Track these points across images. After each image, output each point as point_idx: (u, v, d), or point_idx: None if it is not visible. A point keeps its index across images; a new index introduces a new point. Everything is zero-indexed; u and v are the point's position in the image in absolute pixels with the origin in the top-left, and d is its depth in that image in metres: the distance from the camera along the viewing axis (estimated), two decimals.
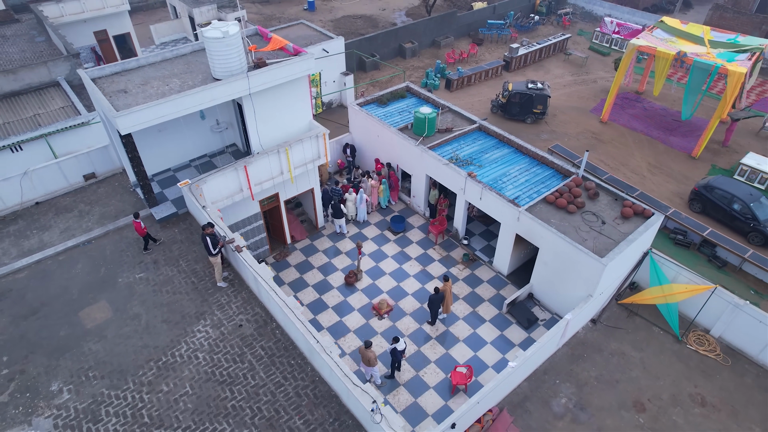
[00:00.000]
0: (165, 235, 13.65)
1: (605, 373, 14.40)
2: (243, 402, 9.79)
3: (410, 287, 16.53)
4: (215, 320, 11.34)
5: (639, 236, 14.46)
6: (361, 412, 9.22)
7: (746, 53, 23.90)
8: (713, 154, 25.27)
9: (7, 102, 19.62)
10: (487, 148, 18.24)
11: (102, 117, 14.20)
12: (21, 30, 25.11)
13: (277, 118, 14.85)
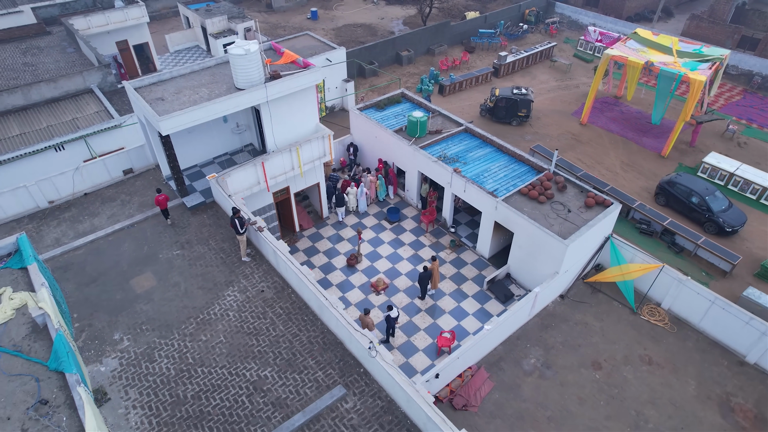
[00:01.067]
0: (195, 220, 16.17)
1: (569, 339, 16.88)
2: (266, 348, 12.30)
3: (404, 268, 19.03)
4: (241, 287, 13.86)
5: (598, 222, 16.97)
6: (361, 352, 11.73)
7: (708, 62, 26.46)
8: (681, 153, 27.79)
9: (48, 107, 22.17)
10: (471, 147, 20.77)
11: (142, 120, 16.72)
12: (53, 41, 27.68)
13: (289, 122, 17.38)
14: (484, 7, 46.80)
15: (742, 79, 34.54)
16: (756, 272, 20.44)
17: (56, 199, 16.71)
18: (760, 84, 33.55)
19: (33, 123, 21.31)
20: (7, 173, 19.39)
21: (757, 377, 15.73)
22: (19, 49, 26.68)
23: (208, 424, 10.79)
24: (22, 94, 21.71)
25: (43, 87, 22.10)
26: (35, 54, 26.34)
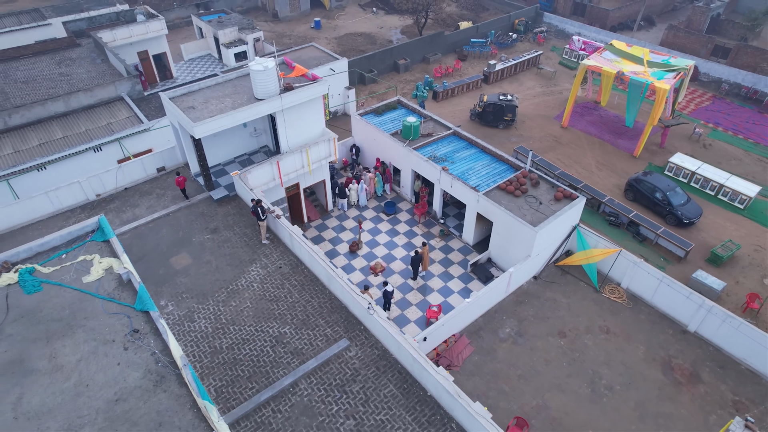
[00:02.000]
0: (221, 210, 19.06)
1: (540, 313, 19.73)
2: (285, 311, 15.17)
3: (399, 254, 21.90)
4: (262, 264, 16.74)
5: (565, 212, 19.83)
6: (361, 312, 14.59)
7: (674, 72, 29.36)
8: (651, 154, 30.68)
9: (86, 113, 25.07)
10: (458, 148, 23.64)
11: (175, 125, 19.61)
12: (83, 53, 30.59)
13: (299, 126, 20.25)
14: (477, 16, 49.73)
15: (712, 86, 37.42)
16: (707, 258, 23.31)
17: (102, 193, 19.60)
18: (728, 90, 36.44)
19: (73, 127, 24.22)
20: (54, 171, 22.31)
21: (696, 342, 18.59)
22: (54, 61, 29.58)
23: (240, 368, 13.65)
24: (63, 102, 24.62)
25: (81, 95, 25.01)
26: (68, 65, 29.24)
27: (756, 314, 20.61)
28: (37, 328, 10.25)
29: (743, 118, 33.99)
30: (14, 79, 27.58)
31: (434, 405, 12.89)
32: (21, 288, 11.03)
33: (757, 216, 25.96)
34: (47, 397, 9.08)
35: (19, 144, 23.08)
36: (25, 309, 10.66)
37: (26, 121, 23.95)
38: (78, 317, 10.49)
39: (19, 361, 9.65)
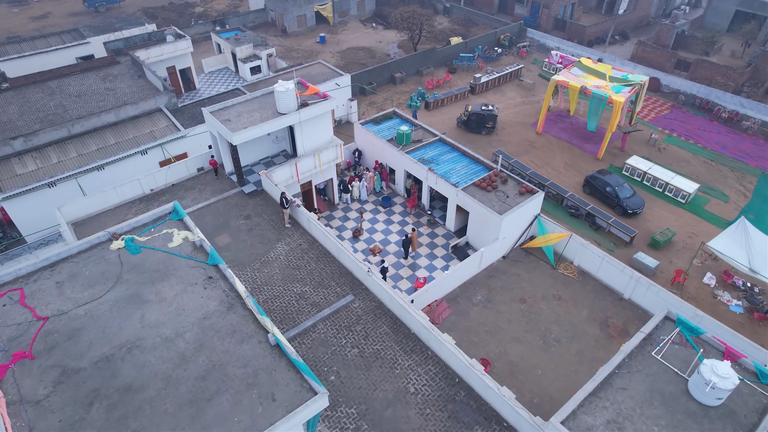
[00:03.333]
0: (251, 202, 23.92)
1: (506, 284, 24.52)
2: (304, 276, 20.01)
3: (393, 239, 26.73)
4: (286, 242, 21.59)
5: (526, 204, 24.62)
6: (362, 275, 19.45)
7: (630, 86, 34.25)
8: (613, 156, 35.55)
9: (132, 122, 29.97)
10: (443, 152, 28.48)
11: (214, 134, 24.48)
12: (123, 70, 35.48)
13: (312, 135, 25.10)
14: (468, 31, 54.64)
15: (672, 97, 42.32)
16: (649, 243, 28.18)
17: (155, 188, 24.47)
18: (684, 101, 41.33)
19: (123, 134, 29.11)
20: (110, 171, 27.19)
21: (628, 307, 23.39)
22: (99, 77, 34.47)
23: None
24: (114, 113, 29.51)
25: (128, 107, 29.91)
26: (112, 80, 34.14)
27: (681, 286, 25.47)
28: (143, 276, 15.08)
29: (696, 126, 38.88)
30: (68, 93, 32.46)
31: (416, 339, 17.76)
32: (127, 251, 15.86)
33: (695, 209, 30.82)
34: (159, 316, 13.89)
35: (81, 149, 27.98)
36: (133, 264, 15.50)
37: (85, 130, 28.85)
38: (169, 269, 15.32)
39: (136, 295, 14.48)
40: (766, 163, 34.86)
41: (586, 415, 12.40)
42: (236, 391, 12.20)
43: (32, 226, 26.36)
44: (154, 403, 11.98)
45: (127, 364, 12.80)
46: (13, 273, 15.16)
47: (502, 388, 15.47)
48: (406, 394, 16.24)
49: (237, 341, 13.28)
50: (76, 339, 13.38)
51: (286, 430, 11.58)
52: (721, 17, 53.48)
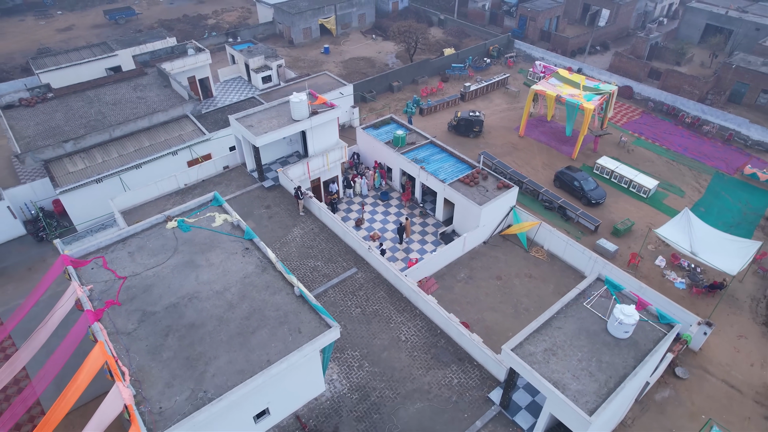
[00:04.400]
0: (270, 194, 28.36)
1: (485, 265, 28.90)
2: (317, 253, 24.45)
3: (390, 227, 31.11)
4: (300, 227, 26.03)
5: (503, 196, 29.03)
6: (363, 252, 23.91)
7: (600, 95, 38.73)
8: (586, 156, 39.99)
9: (162, 128, 34.44)
10: (433, 153, 32.90)
11: (239, 137, 28.95)
12: (150, 80, 39.97)
13: (321, 138, 29.53)
14: (461, 42, 59.18)
15: (643, 103, 46.81)
16: (611, 231, 32.60)
17: (188, 183, 28.93)
18: (653, 107, 45.82)
19: (156, 138, 33.59)
20: (146, 169, 31.64)
21: None
22: (130, 86, 38.96)
23: None
24: (147, 119, 34.00)
25: (160, 114, 34.40)
26: (142, 90, 38.63)
27: (635, 267, 29.88)
28: (194, 248, 19.52)
29: (662, 130, 43.35)
30: (105, 101, 36.94)
31: (406, 301, 22.21)
32: (180, 229, 20.29)
33: (655, 203, 35.26)
34: (210, 276, 18.30)
35: (121, 150, 32.45)
36: (185, 239, 19.94)
37: (123, 133, 33.33)
38: (215, 243, 19.76)
39: (191, 261, 18.92)
40: (720, 163, 39.30)
41: (529, 345, 16.77)
42: (272, 327, 16.66)
43: (82, 216, 30.82)
44: (212, 335, 16.45)
45: (189, 309, 17.27)
46: (95, 245, 19.68)
47: (473, 335, 19.91)
48: (398, 341, 20.68)
49: (270, 293, 17.76)
50: (149, 292, 17.86)
51: (308, 352, 16.05)
52: (693, 30, 58.01)
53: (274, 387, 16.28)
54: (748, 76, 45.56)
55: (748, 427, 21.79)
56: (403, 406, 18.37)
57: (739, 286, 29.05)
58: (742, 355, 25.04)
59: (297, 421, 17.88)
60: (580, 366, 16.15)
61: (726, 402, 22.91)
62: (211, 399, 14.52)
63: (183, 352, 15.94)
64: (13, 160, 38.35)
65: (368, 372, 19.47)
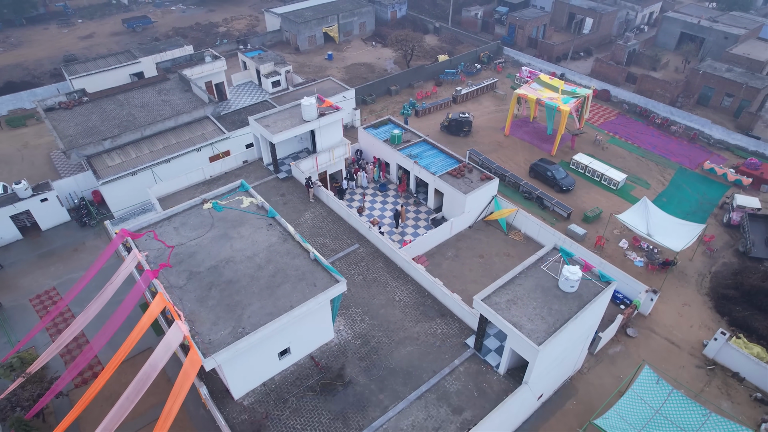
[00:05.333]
0: (284, 184, 32.89)
1: (469, 246, 33.38)
2: (325, 233, 28.97)
3: (387, 215, 35.61)
4: (311, 212, 30.56)
5: (485, 186, 33.53)
6: (364, 231, 28.44)
7: (576, 98, 43.26)
8: (565, 153, 44.50)
9: (186, 127, 38.98)
10: (426, 150, 37.40)
11: (257, 135, 33.50)
12: (172, 85, 44.52)
13: (327, 136, 34.06)
14: (454, 48, 63.74)
15: (619, 105, 51.35)
16: (582, 218, 37.11)
17: (213, 175, 33.47)
18: (628, 109, 50.36)
19: (181, 136, 38.13)
20: (175, 164, 36.16)
21: None
22: (155, 90, 43.51)
23: None
24: (173, 120, 38.55)
25: (184, 115, 38.97)
26: (165, 94, 43.18)
27: (601, 248, 34.37)
28: (227, 224, 24.03)
29: (635, 130, 47.88)
30: (134, 104, 41.49)
31: (400, 270, 26.75)
32: (214, 209, 24.82)
33: (623, 194, 39.77)
34: (242, 245, 22.82)
35: (151, 147, 37.00)
36: (220, 217, 24.45)
37: (153, 132, 37.87)
38: (244, 220, 24.27)
39: (225, 234, 23.44)
40: (684, 159, 43.81)
41: (496, 297, 21.24)
42: (293, 282, 21.20)
43: (118, 204, 35.35)
44: (245, 288, 20.99)
45: (227, 269, 21.83)
46: (146, 222, 24.27)
47: (454, 294, 24.44)
48: (393, 301, 25.21)
49: (291, 257, 22.31)
50: (193, 257, 22.42)
51: (322, 300, 20.57)
52: (670, 38, 62.53)
53: (294, 329, 20.80)
54: (713, 81, 50.08)
55: (681, 374, 26.28)
56: (397, 350, 22.88)
57: (689, 263, 33.55)
58: (684, 319, 29.56)
59: (311, 360, 22.39)
60: (534, 312, 20.66)
61: (666, 355, 27.42)
62: (248, 332, 19.04)
63: (224, 300, 20.47)
64: (52, 155, 42.90)
65: (368, 324, 24.00)
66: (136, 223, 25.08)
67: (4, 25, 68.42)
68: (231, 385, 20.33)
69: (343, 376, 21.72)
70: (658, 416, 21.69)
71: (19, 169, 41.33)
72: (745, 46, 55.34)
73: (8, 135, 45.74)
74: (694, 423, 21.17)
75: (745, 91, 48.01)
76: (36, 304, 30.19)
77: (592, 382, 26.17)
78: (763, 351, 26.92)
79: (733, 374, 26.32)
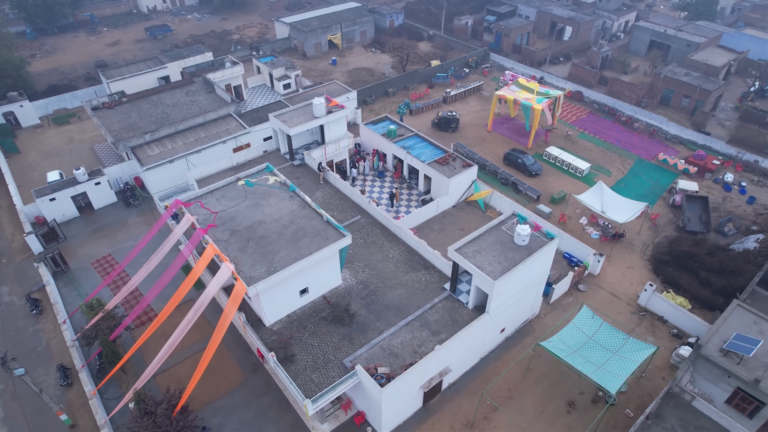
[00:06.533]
0: (298, 169, 39.56)
1: (453, 221, 39.97)
2: (333, 207, 35.59)
3: (384, 195, 42.26)
4: (321, 191, 37.21)
5: (465, 172, 40.16)
6: (365, 205, 35.11)
7: (548, 98, 49.94)
8: (539, 146, 51.12)
9: (212, 123, 45.68)
10: (417, 142, 44.06)
11: (276, 129, 40.22)
12: (197, 88, 51.20)
13: (334, 130, 40.73)
14: (446, 54, 70.45)
15: (590, 105, 58.01)
16: (549, 200, 43.74)
17: (239, 162, 40.14)
18: (598, 108, 57.03)
19: (209, 130, 44.81)
20: (204, 154, 42.84)
21: None
22: (183, 92, 50.20)
23: None
24: (202, 117, 45.25)
25: (211, 113, 45.68)
26: (192, 95, 49.87)
27: (564, 224, 40.98)
28: (258, 196, 30.67)
29: (602, 126, 54.52)
30: (166, 104, 48.17)
31: (394, 235, 33.41)
32: (247, 185, 31.49)
33: (587, 180, 46.36)
34: (270, 212, 29.40)
35: (184, 139, 43.67)
36: (251, 191, 31.11)
37: (185, 128, 44.55)
38: (271, 193, 30.91)
39: (257, 203, 30.09)
40: (642, 151, 50.42)
41: (465, 248, 27.77)
42: (310, 237, 27.87)
43: (157, 187, 41.97)
44: (275, 241, 27.67)
45: (260, 228, 28.51)
46: (194, 195, 31.02)
47: (435, 251, 31.07)
48: (387, 257, 31.85)
49: (308, 220, 29.00)
50: (233, 220, 29.10)
51: (333, 249, 27.23)
52: (641, 45, 69.20)
53: (311, 273, 27.42)
54: (673, 84, 56.71)
55: (618, 317, 32.83)
56: (390, 292, 29.51)
57: (637, 236, 40.14)
58: (626, 278, 36.17)
59: (324, 299, 29.02)
60: (494, 259, 27.27)
61: (608, 304, 34.01)
62: (279, 270, 25.68)
63: (259, 249, 27.11)
64: (95, 148, 49.58)
65: (368, 274, 30.64)
66: (182, 196, 31.73)
67: (38, 33, 75.19)
68: (265, 313, 26.99)
69: (348, 310, 28.35)
70: (591, 341, 28.25)
71: (68, 160, 48.00)
72: (704, 53, 62.02)
73: (56, 131, 52.45)
74: (617, 345, 27.75)
75: (699, 93, 54.64)
76: (96, 266, 36.83)
77: (547, 324, 32.73)
78: (684, 301, 33.52)
79: (659, 318, 32.92)
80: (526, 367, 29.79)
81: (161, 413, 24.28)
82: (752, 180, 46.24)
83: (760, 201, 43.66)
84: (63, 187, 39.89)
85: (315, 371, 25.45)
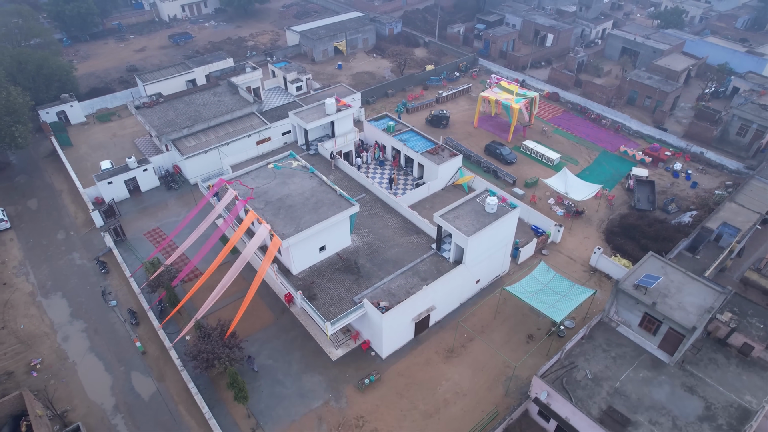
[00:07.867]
0: (313, 158, 47.64)
1: (442, 200, 47.92)
2: (343, 187, 43.61)
3: (384, 180, 50.32)
4: (333, 175, 45.25)
5: (452, 160, 48.23)
6: (368, 185, 43.22)
7: (525, 99, 58.02)
8: (518, 140, 59.19)
9: (239, 119, 53.77)
10: (412, 136, 52.11)
11: (295, 125, 48.32)
12: (222, 90, 59.25)
13: (343, 125, 48.79)
14: (440, 59, 78.51)
15: (565, 105, 66.09)
16: (524, 184, 51.81)
17: (263, 152, 48.22)
18: (571, 108, 65.12)
19: (236, 126, 52.87)
20: (233, 145, 50.90)
21: None
22: (211, 93, 58.27)
23: None
24: (230, 114, 53.35)
25: (237, 112, 53.79)
26: (219, 96, 57.93)
27: (534, 203, 49.04)
28: (284, 177, 38.69)
29: (575, 123, 62.58)
30: (197, 104, 56.24)
31: (391, 208, 41.50)
32: (275, 168, 39.52)
33: (557, 168, 54.38)
34: (295, 188, 37.48)
35: (215, 134, 51.75)
36: (278, 173, 39.14)
37: (216, 124, 52.63)
38: (294, 174, 38.93)
39: (284, 182, 38.14)
40: (607, 144, 58.45)
41: (447, 215, 35.79)
42: (328, 206, 36.06)
43: (193, 174, 50.00)
44: (300, 209, 35.90)
45: (288, 200, 36.71)
46: (234, 175, 39.15)
47: (423, 219, 39.18)
48: (387, 225, 39.96)
49: (325, 194, 37.19)
50: (267, 193, 37.30)
51: (345, 215, 35.36)
52: (614, 51, 77.26)
53: (328, 233, 35.48)
54: (637, 86, 64.77)
55: (573, 275, 40.87)
56: (389, 250, 37.59)
57: (595, 213, 48.20)
58: (582, 246, 44.22)
59: (337, 255, 37.07)
60: (469, 222, 35.32)
61: (565, 265, 42.04)
62: (304, 228, 33.75)
63: (288, 215, 35.20)
64: (136, 141, 57.64)
65: (372, 237, 38.75)
66: (224, 177, 39.73)
67: (73, 41, 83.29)
68: (294, 264, 35.07)
69: (356, 263, 36.43)
70: (545, 288, 36.30)
71: (113, 152, 56.06)
72: (668, 59, 70.08)
73: (100, 128, 60.52)
74: (565, 290, 35.79)
75: (659, 94, 62.70)
76: (148, 236, 44.90)
77: (515, 279, 40.75)
78: (628, 263, 41.56)
79: (605, 275, 40.98)
80: (495, 310, 37.87)
81: (215, 336, 32.39)
82: (697, 168, 54.34)
83: (701, 186, 51.76)
84: (117, 172, 47.97)
85: (332, 305, 33.54)
